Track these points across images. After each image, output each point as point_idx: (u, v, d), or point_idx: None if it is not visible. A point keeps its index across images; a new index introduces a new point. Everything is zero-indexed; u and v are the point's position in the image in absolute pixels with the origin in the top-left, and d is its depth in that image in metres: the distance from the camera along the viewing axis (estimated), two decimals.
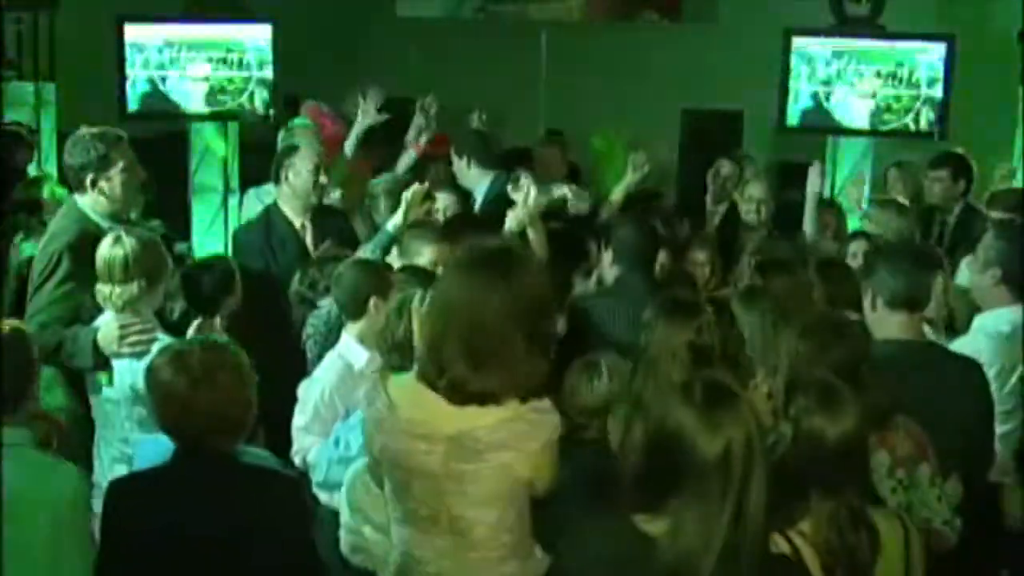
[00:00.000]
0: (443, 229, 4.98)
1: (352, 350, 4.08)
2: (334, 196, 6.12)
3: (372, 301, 4.06)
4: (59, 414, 3.92)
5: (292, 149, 5.56)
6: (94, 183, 4.38)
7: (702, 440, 2.28)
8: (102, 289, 4.00)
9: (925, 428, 3.33)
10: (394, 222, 5.00)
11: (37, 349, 3.17)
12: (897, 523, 2.78)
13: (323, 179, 5.45)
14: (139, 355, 3.87)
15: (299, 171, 5.38)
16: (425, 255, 4.69)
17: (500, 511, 2.73)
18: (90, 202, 4.41)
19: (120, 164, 4.42)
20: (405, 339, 3.32)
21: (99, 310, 4.08)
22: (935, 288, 4.20)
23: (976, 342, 4.20)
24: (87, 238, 4.22)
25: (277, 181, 5.51)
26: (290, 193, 5.42)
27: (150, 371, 3.00)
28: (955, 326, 4.73)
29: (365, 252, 4.93)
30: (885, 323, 3.83)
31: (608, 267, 4.86)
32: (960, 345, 4.19)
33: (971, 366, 3.91)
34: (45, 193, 6.20)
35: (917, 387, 3.49)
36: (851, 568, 2.63)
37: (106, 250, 3.98)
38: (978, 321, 4.33)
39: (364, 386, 3.27)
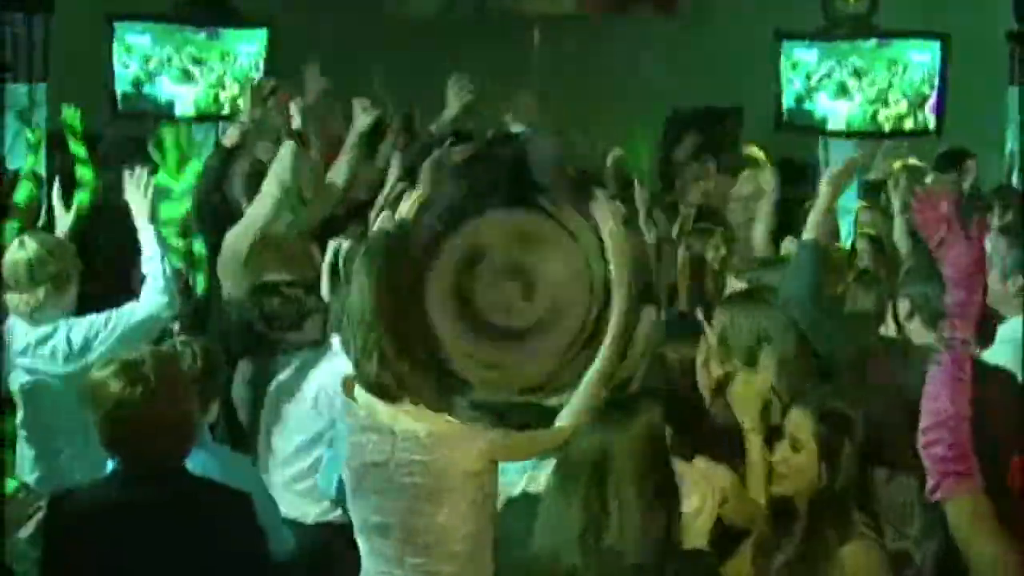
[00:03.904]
0: None
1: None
2: None
3: None
4: None
5: None
6: None
7: None
8: (10, 297, 3.81)
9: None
10: None
11: None
12: (876, 551, 2.80)
13: None
14: None
15: None
16: None
17: (448, 509, 2.74)
18: None
19: None
20: None
21: None
22: None
23: (1004, 352, 4.01)
24: None
25: None
26: None
27: (94, 384, 2.77)
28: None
29: None
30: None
31: None
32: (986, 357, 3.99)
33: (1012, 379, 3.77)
34: (20, 195, 5.75)
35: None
36: None
37: (10, 255, 3.80)
38: (1001, 331, 4.17)
39: None
